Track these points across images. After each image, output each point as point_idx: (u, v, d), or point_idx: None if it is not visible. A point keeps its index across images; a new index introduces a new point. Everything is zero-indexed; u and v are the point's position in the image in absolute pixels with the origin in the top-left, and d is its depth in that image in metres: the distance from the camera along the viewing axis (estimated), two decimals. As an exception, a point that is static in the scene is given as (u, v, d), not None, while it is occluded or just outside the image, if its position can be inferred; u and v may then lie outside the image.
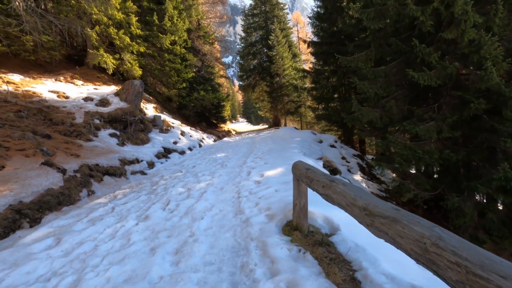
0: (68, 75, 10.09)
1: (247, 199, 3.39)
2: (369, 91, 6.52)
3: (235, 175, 4.92)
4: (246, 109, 65.83)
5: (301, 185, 2.32)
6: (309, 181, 1.96)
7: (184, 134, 11.58)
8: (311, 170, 2.01)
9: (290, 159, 5.84)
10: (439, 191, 6.34)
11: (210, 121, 20.08)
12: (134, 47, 11.49)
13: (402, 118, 6.81)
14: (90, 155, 5.78)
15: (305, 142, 9.15)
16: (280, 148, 7.93)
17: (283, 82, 21.71)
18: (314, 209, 2.71)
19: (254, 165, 5.60)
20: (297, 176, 2.29)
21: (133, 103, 8.60)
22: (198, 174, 5.17)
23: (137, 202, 3.69)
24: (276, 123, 26.18)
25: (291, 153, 6.69)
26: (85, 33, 9.86)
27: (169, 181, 4.90)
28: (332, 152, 9.27)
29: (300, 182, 2.31)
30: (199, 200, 3.50)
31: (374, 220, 1.19)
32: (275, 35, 21.26)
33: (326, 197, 1.69)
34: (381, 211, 1.16)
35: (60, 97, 7.90)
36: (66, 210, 4.04)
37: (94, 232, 2.73)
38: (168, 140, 9.57)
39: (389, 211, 1.14)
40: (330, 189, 1.62)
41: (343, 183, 1.58)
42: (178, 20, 14.01)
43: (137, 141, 8.28)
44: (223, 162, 6.42)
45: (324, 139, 10.52)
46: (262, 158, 6.36)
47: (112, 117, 7.91)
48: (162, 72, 13.82)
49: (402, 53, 6.58)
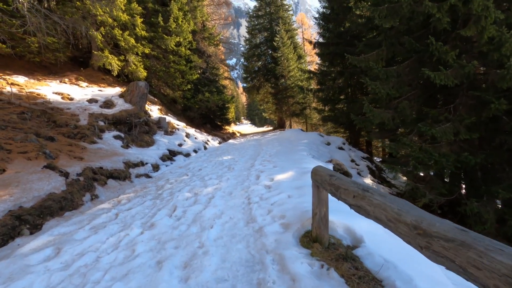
0: (73, 76, 10.02)
1: (259, 205, 3.18)
2: (381, 91, 6.27)
3: (243, 179, 4.71)
4: (250, 111, 65.79)
5: (321, 193, 2.11)
6: (334, 190, 1.75)
7: (189, 136, 11.44)
8: (336, 177, 1.80)
9: (300, 162, 5.63)
10: (455, 195, 6.06)
11: (214, 123, 19.95)
12: (139, 49, 11.41)
13: (415, 119, 6.55)
14: (94, 157, 5.64)
15: (313, 144, 8.92)
16: (287, 151, 7.72)
17: (288, 83, 21.51)
18: (333, 218, 2.49)
19: (262, 168, 5.39)
20: (317, 182, 2.08)
21: (138, 104, 8.47)
22: (205, 178, 4.98)
23: (142, 208, 3.51)
24: (281, 125, 25.97)
25: (300, 156, 6.47)
26: (90, 35, 9.80)
27: (175, 185, 4.71)
28: (341, 154, 9.02)
29: (320, 189, 2.10)
30: (207, 206, 3.30)
31: (432, 242, 0.97)
32: (280, 36, 21.09)
33: (357, 209, 1.48)
34: (441, 232, 0.94)
35: (64, 98, 7.81)
36: (68, 215, 3.87)
37: (96, 241, 2.54)
38: (173, 142, 9.42)
39: (452, 231, 0.92)
40: (363, 200, 1.41)
41: (380, 193, 1.37)
42: (183, 21, 13.93)
43: (141, 143, 8.13)
44: (230, 165, 6.22)
45: (331, 141, 10.28)
46: (270, 161, 6.15)
47: (116, 119, 7.78)
48: (167, 74, 13.74)
49: (416, 52, 6.34)
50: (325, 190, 2.01)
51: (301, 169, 4.83)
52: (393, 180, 9.40)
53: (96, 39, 9.93)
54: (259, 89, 25.31)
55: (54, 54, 9.23)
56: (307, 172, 4.54)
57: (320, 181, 2.00)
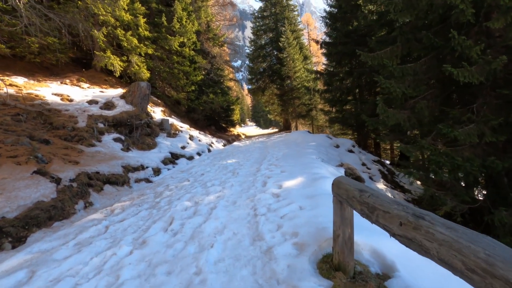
0: (74, 78, 9.81)
1: (266, 218, 2.78)
2: (396, 90, 5.82)
3: (248, 186, 4.32)
4: (255, 113, 65.44)
5: (345, 210, 1.71)
6: (367, 210, 1.35)
7: (192, 138, 11.12)
8: (369, 193, 1.39)
9: (309, 167, 5.22)
10: (479, 203, 5.56)
11: (219, 125, 19.64)
12: (142, 49, 11.18)
13: (433, 120, 6.08)
14: (91, 161, 5.33)
15: (321, 147, 8.49)
16: (295, 154, 7.30)
17: (294, 84, 21.11)
18: (355, 236, 2.08)
19: (269, 173, 4.99)
20: (341, 198, 1.67)
21: (140, 106, 8.18)
22: (207, 184, 4.61)
23: (136, 219, 3.15)
24: (287, 127, 25.53)
25: (309, 160, 6.05)
26: (92, 35, 9.60)
27: (175, 192, 4.35)
28: (351, 157, 8.56)
29: (344, 206, 1.70)
30: (208, 218, 2.91)
31: None
32: (285, 36, 20.73)
33: (407, 242, 1.07)
34: None
35: (63, 100, 7.56)
36: (57, 226, 3.54)
37: (77, 262, 2.18)
38: (176, 145, 9.11)
39: None
40: (418, 231, 1.00)
41: (443, 222, 0.96)
42: (187, 21, 13.69)
43: (143, 146, 7.83)
44: (235, 170, 5.84)
45: (340, 144, 9.82)
46: (277, 165, 5.75)
47: (117, 121, 7.50)
48: (171, 75, 13.49)
49: (434, 48, 5.88)
50: (352, 208, 1.61)
51: (311, 175, 4.41)
52: (407, 185, 8.88)
53: (98, 39, 9.71)
54: (265, 90, 24.96)
55: (55, 54, 9.03)
56: (318, 178, 4.13)
57: (345, 196, 1.60)
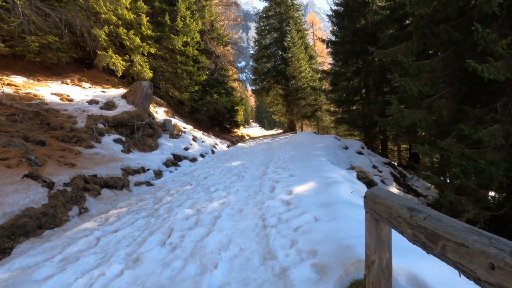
0: (76, 77, 9.61)
1: (277, 231, 2.44)
2: (412, 89, 5.44)
3: (255, 191, 3.99)
4: (259, 114, 65.15)
5: (383, 230, 1.36)
6: (425, 238, 0.99)
7: (196, 139, 10.83)
8: (423, 213, 1.04)
9: (320, 170, 4.86)
10: (505, 210, 5.15)
11: (223, 126, 19.36)
12: (144, 48, 10.94)
13: (452, 120, 5.68)
14: (88, 164, 5.05)
15: (330, 149, 8.12)
16: (303, 156, 6.95)
17: (299, 85, 20.74)
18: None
19: (277, 177, 4.65)
20: (379, 216, 1.33)
21: (141, 106, 7.92)
22: (211, 189, 4.28)
23: (132, 229, 2.83)
24: (291, 128, 25.16)
25: (319, 162, 5.70)
26: (94, 33, 9.38)
27: (176, 197, 4.03)
28: (361, 159, 8.17)
29: (381, 226, 1.35)
30: (212, 230, 2.59)
31: None
32: (290, 36, 20.41)
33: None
34: None
35: (63, 99, 7.33)
36: (47, 235, 3.25)
37: (59, 285, 1.87)
38: (178, 146, 8.82)
39: None
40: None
41: None
42: (190, 21, 13.44)
43: (144, 147, 7.55)
44: (240, 173, 5.51)
45: (349, 145, 9.43)
46: (285, 168, 5.41)
47: (117, 121, 7.23)
48: (174, 75, 13.24)
49: (453, 42, 5.49)
50: (391, 228, 1.26)
51: (323, 179, 4.06)
52: (420, 188, 8.45)
53: (100, 38, 9.49)
54: (269, 91, 24.63)
55: (55, 54, 8.82)
56: (331, 183, 3.78)
57: (386, 215, 1.25)
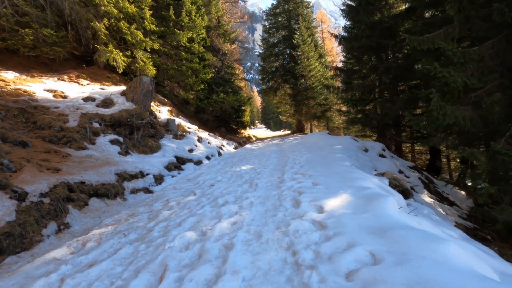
0: (74, 74, 9.00)
1: (320, 277, 1.62)
2: (456, 81, 4.57)
3: (274, 205, 3.18)
4: (265, 115, 64.37)
5: None
6: None
7: (201, 140, 10.11)
8: None
9: (348, 177, 4.03)
10: None
11: (229, 126, 18.62)
12: (147, 44, 10.28)
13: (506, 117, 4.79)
14: (77, 168, 4.33)
15: (349, 151, 7.26)
16: (321, 159, 6.12)
17: (308, 83, 19.87)
18: None
19: (298, 186, 3.84)
20: None
21: (142, 103, 7.21)
22: (218, 201, 3.50)
23: (112, 263, 2.06)
24: (300, 129, 24.27)
25: (344, 167, 4.86)
26: (93, 26, 8.76)
27: (175, 211, 3.26)
28: (385, 163, 7.29)
29: None
30: (222, 270, 1.79)
31: None
32: (300, 33, 19.58)
33: None
34: None
35: (56, 96, 6.68)
36: (9, 263, 2.51)
37: None
38: (182, 148, 8.09)
39: None
40: None
41: None
42: (196, 16, 12.77)
43: (144, 149, 6.84)
44: (252, 179, 4.72)
45: (369, 147, 8.55)
46: (304, 174, 4.60)
47: (115, 120, 6.54)
48: (179, 72, 12.56)
49: (507, 26, 4.62)
50: None
51: (358, 190, 3.24)
52: (450, 196, 7.51)
53: (99, 32, 8.87)
54: (277, 90, 23.83)
55: (52, 48, 8.21)
56: (371, 196, 2.95)
57: None
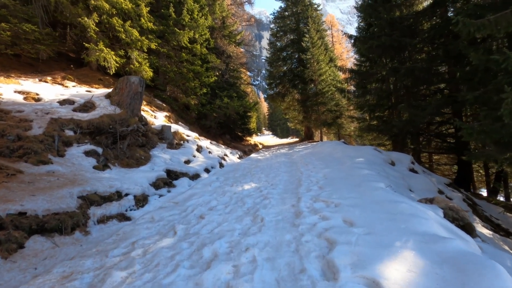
0: (60, 75, 8.06)
1: None
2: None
3: (291, 269, 1.95)
4: (272, 122, 63.33)
5: None
6: None
7: (201, 150, 8.98)
8: None
9: (398, 211, 2.79)
10: None
11: (234, 134, 17.52)
12: (144, 43, 9.34)
13: None
14: (21, 192, 3.22)
15: (375, 165, 5.98)
16: (344, 177, 4.88)
17: (319, 88, 18.69)
18: None
19: (323, 225, 2.62)
20: None
21: (129, 107, 6.15)
22: (204, 252, 2.29)
23: None
24: (309, 136, 22.99)
25: (381, 193, 3.61)
26: (82, 23, 7.85)
27: (132, 275, 2.08)
28: (420, 181, 5.98)
29: None
30: None
31: None
32: (309, 35, 18.55)
33: None
34: None
35: (28, 99, 5.68)
36: None
37: None
38: (177, 159, 6.96)
39: None
40: None
41: None
42: (199, 15, 11.84)
43: (129, 161, 5.74)
44: (256, 207, 3.52)
45: (395, 160, 7.24)
46: (328, 203, 3.37)
47: (94, 127, 5.47)
48: (179, 75, 11.57)
49: None
50: None
51: (424, 241, 2.00)
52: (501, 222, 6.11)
53: (89, 29, 7.95)
54: (285, 96, 22.73)
55: (34, 46, 7.31)
56: (463, 262, 1.71)
57: None
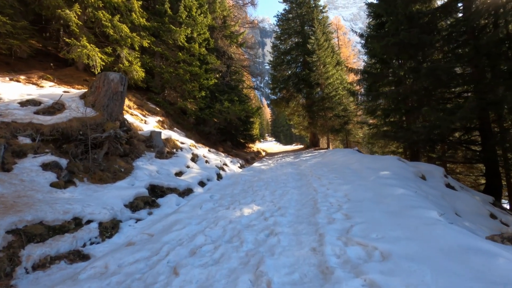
0: (38, 75, 7.11)
1: None
2: None
3: None
4: (275, 128, 62.40)
5: None
6: None
7: (196, 159, 7.90)
8: None
9: (485, 267, 1.66)
10: None
11: (236, 140, 16.44)
12: (135, 40, 8.38)
13: None
14: None
15: (408, 181, 4.83)
16: (374, 198, 3.74)
17: (325, 92, 17.60)
18: None
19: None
20: None
21: (106, 109, 5.11)
22: None
23: None
24: (314, 143, 21.83)
25: (445, 230, 2.47)
26: (62, 15, 6.93)
27: None
28: (463, 200, 4.79)
29: None
30: None
31: None
32: (315, 37, 17.59)
33: None
34: None
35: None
36: None
37: None
38: (166, 171, 5.89)
39: None
40: None
41: None
42: (197, 12, 10.94)
43: (104, 175, 4.65)
44: (260, 255, 2.39)
45: (425, 172, 6.06)
46: (367, 247, 2.24)
47: (60, 133, 4.43)
48: (175, 76, 10.58)
49: None
50: None
51: None
52: None
53: (70, 22, 7.02)
54: (289, 101, 21.70)
55: (5, 40, 6.37)
56: None
57: None
